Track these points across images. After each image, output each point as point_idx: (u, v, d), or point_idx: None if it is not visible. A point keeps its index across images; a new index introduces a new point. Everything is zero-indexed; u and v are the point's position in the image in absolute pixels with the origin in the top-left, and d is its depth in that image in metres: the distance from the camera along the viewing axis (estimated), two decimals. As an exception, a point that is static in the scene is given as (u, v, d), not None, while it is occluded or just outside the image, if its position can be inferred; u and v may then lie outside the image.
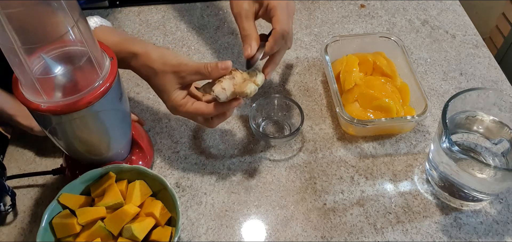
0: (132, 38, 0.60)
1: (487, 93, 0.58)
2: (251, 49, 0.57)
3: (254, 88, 0.54)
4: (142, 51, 0.56)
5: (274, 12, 0.58)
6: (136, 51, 0.56)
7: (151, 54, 0.56)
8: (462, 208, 0.60)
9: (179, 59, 0.55)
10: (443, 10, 0.90)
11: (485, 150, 0.61)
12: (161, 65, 0.55)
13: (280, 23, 0.57)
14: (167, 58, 0.55)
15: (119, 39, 0.58)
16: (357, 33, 0.85)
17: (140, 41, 0.59)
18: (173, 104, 0.56)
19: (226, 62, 0.54)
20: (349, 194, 0.61)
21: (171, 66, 0.54)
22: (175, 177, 0.64)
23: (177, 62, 0.55)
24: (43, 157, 0.66)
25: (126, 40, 0.58)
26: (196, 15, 0.89)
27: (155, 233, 0.52)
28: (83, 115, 0.48)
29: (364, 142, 0.67)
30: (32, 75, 0.44)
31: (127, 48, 0.57)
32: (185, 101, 0.56)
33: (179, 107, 0.56)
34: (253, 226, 0.58)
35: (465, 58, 0.80)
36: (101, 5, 0.90)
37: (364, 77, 0.71)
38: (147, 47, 0.56)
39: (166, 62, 0.55)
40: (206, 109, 0.56)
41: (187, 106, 0.56)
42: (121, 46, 0.57)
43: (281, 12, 0.57)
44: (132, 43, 0.57)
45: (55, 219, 0.51)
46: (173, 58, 0.55)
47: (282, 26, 0.57)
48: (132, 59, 0.57)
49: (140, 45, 0.57)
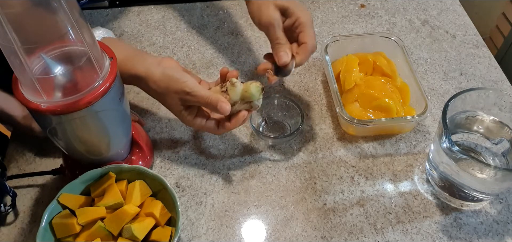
0: (134, 56, 0.59)
1: (487, 93, 0.58)
2: (287, 56, 0.60)
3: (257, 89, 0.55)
4: (143, 74, 0.57)
5: (303, 27, 0.61)
6: (138, 74, 0.57)
7: (153, 76, 0.57)
8: (462, 208, 0.60)
9: (182, 83, 0.55)
10: (443, 10, 0.90)
11: (485, 150, 0.61)
12: (164, 89, 0.56)
13: (311, 39, 0.61)
14: (170, 79, 0.56)
15: (121, 57, 0.57)
16: (357, 33, 0.85)
17: (142, 58, 0.59)
18: (184, 122, 0.59)
19: (225, 107, 0.55)
20: (349, 194, 0.61)
21: (175, 92, 0.56)
22: (175, 177, 0.64)
23: (180, 89, 0.55)
24: (43, 157, 0.66)
25: (128, 58, 0.58)
26: (196, 15, 0.89)
27: (155, 233, 0.52)
28: (83, 115, 0.48)
29: (364, 142, 0.67)
30: (32, 75, 0.44)
31: (129, 70, 0.58)
32: (198, 120, 0.58)
33: (192, 126, 0.59)
34: (253, 226, 0.58)
35: (465, 58, 0.80)
36: (101, 5, 0.90)
37: (364, 77, 0.71)
38: (149, 68, 0.57)
39: (169, 85, 0.56)
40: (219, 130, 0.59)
41: (198, 124, 0.58)
42: (123, 66, 0.58)
43: (310, 28, 0.61)
44: (133, 63, 0.58)
45: (55, 219, 0.51)
46: (176, 81, 0.56)
47: (312, 42, 0.61)
48: (135, 81, 0.59)
49: (142, 64, 0.58)
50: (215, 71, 0.78)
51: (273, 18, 0.61)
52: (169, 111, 0.60)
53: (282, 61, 0.59)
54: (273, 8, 0.61)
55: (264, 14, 0.61)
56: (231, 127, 0.58)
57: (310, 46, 0.61)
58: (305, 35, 0.61)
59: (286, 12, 0.62)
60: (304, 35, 0.61)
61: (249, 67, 0.79)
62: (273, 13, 0.61)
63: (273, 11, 0.61)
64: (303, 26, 0.61)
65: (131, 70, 0.58)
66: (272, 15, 0.61)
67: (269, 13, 0.61)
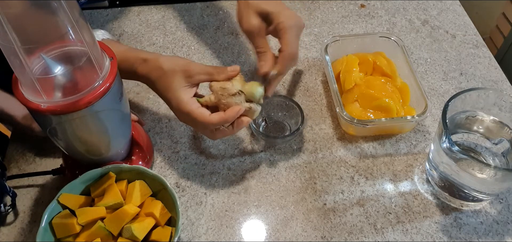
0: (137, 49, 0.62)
1: (487, 93, 0.58)
2: (266, 66, 0.59)
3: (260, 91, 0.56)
4: (151, 56, 0.57)
5: (283, 33, 0.59)
6: (146, 57, 0.58)
7: (160, 57, 0.57)
8: (462, 208, 0.60)
9: (188, 60, 0.57)
10: (443, 10, 0.90)
11: (485, 150, 0.61)
12: (170, 64, 0.56)
13: (289, 46, 0.58)
14: (176, 59, 0.57)
15: (125, 48, 0.59)
16: (357, 33, 0.85)
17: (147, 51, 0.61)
18: (178, 101, 0.55)
19: (235, 66, 0.55)
20: (349, 194, 0.61)
21: (180, 65, 0.56)
22: (175, 177, 0.64)
23: (185, 62, 0.56)
24: (43, 157, 0.66)
25: (133, 49, 0.60)
26: (196, 15, 0.89)
27: (155, 233, 0.52)
28: (83, 115, 0.48)
29: (364, 142, 0.67)
30: (32, 75, 0.44)
31: (136, 54, 0.58)
32: (191, 100, 0.55)
33: (184, 105, 0.55)
34: (253, 226, 0.58)
35: (465, 58, 0.80)
36: (101, 5, 0.90)
37: (364, 77, 0.71)
38: (156, 53, 0.58)
39: (175, 62, 0.56)
40: (211, 119, 0.54)
41: (192, 107, 0.55)
42: (129, 53, 0.58)
43: (290, 34, 0.59)
44: (140, 51, 0.59)
45: (55, 219, 0.51)
46: (182, 59, 0.57)
47: (291, 49, 0.59)
48: (141, 65, 0.58)
49: (148, 52, 0.59)
50: (215, 71, 0.78)
51: (252, 25, 0.60)
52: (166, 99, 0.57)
53: (260, 71, 0.59)
54: (253, 15, 0.60)
55: (245, 21, 0.61)
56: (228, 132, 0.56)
57: (287, 54, 0.58)
58: (284, 41, 0.58)
59: (268, 17, 0.60)
60: (283, 41, 0.59)
61: (249, 67, 0.79)
62: (252, 20, 0.60)
63: (253, 18, 0.60)
64: (283, 32, 0.58)
65: (140, 53, 0.58)
66: (251, 22, 0.60)
67: (248, 20, 0.60)
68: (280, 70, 0.59)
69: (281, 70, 0.59)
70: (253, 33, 0.60)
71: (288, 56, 0.58)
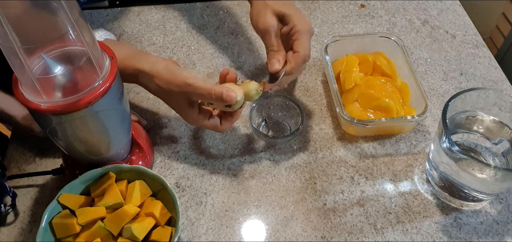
0: (137, 53, 0.61)
1: (487, 93, 0.58)
2: (279, 64, 0.60)
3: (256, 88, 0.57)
4: (148, 69, 0.57)
5: (298, 36, 0.60)
6: (143, 68, 0.58)
7: (157, 71, 0.57)
8: (462, 208, 0.60)
9: (185, 76, 0.56)
10: (443, 10, 0.90)
11: (485, 150, 0.61)
12: (167, 84, 0.56)
13: (303, 48, 0.60)
14: (174, 76, 0.56)
15: (125, 55, 0.59)
16: (357, 33, 0.85)
17: (146, 56, 0.60)
18: (189, 121, 0.60)
19: (230, 95, 0.55)
20: (349, 194, 0.61)
21: (177, 86, 0.56)
22: (175, 177, 0.64)
23: (183, 82, 0.56)
24: (43, 157, 0.66)
25: (132, 56, 0.59)
26: (196, 15, 0.89)
27: (155, 233, 0.52)
28: (83, 115, 0.48)
29: (364, 142, 0.67)
30: (32, 75, 0.44)
31: (133, 65, 0.58)
32: (201, 117, 0.59)
33: (196, 124, 0.60)
34: (253, 226, 0.58)
35: (465, 58, 0.80)
36: (101, 5, 0.90)
37: (364, 77, 0.71)
38: (154, 64, 0.58)
39: (172, 81, 0.56)
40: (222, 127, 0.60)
41: (204, 123, 0.59)
42: (127, 62, 0.58)
43: (305, 37, 0.61)
44: (138, 59, 0.59)
45: (55, 219, 0.51)
46: (179, 75, 0.56)
47: (305, 51, 0.60)
48: (139, 76, 0.59)
49: (146, 61, 0.58)
50: (215, 71, 0.78)
51: (269, 24, 0.61)
52: (173, 110, 0.60)
53: (273, 68, 0.60)
54: (270, 15, 0.62)
55: (261, 20, 0.62)
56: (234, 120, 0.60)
57: (302, 55, 0.60)
58: (299, 43, 0.60)
59: (284, 19, 0.62)
60: (298, 43, 0.60)
61: (249, 67, 0.79)
62: (270, 19, 0.62)
63: (270, 18, 0.62)
64: (299, 34, 0.60)
65: (136, 65, 0.58)
66: (268, 21, 0.61)
67: (266, 19, 0.62)
68: (292, 69, 0.60)
69: (293, 69, 0.60)
70: (269, 32, 0.61)
71: (302, 57, 0.60)
